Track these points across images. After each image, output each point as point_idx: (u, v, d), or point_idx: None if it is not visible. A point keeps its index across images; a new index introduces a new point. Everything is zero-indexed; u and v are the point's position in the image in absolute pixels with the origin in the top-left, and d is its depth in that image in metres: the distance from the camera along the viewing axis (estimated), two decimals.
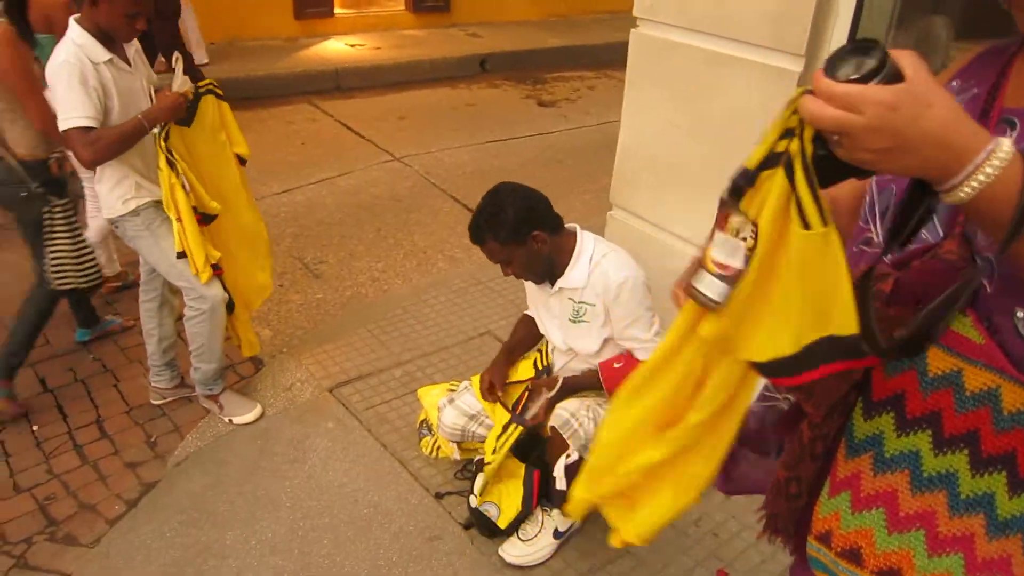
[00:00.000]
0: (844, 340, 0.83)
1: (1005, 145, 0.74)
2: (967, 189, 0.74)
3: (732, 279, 0.83)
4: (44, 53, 2.64)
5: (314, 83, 7.16)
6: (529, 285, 2.45)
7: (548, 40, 9.00)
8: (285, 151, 5.69)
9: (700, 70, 2.43)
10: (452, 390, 2.59)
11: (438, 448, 2.68)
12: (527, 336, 2.58)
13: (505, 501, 2.38)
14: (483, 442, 2.46)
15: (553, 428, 2.24)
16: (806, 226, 0.78)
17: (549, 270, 2.29)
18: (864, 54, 0.73)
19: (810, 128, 0.76)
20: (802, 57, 2.19)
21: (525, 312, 2.62)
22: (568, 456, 2.19)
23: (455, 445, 2.57)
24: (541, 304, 2.44)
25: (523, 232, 2.17)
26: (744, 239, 0.83)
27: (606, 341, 2.31)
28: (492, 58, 8.33)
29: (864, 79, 0.71)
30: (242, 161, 2.82)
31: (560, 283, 2.28)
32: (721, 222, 0.85)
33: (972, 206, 0.76)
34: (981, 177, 0.74)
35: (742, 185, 0.83)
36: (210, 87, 2.64)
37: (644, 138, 2.67)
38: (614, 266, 2.22)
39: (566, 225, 2.31)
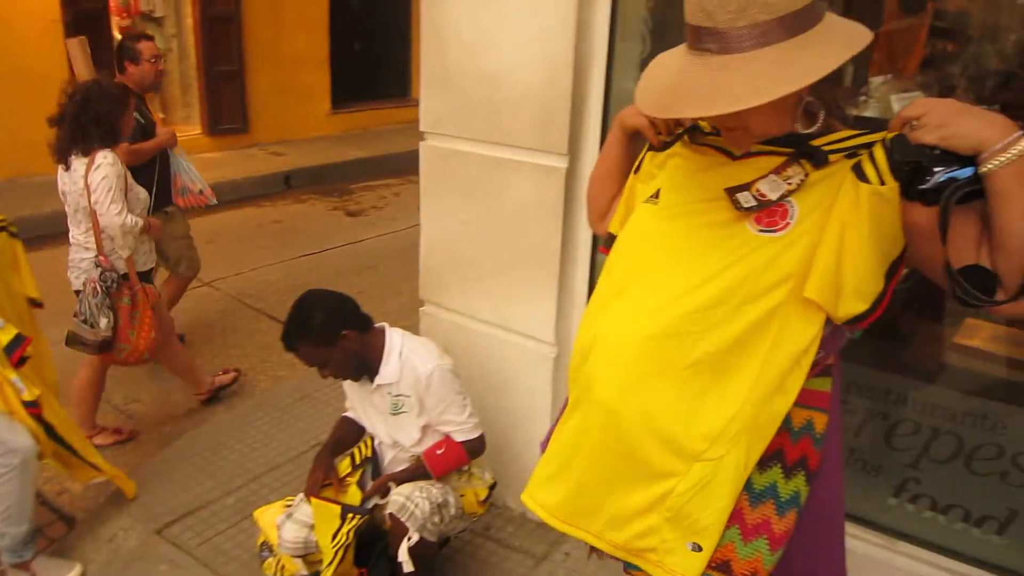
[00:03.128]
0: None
1: None
2: (1001, 158, 1.02)
3: (765, 203, 1.18)
4: None
5: None
6: (350, 386, 2.54)
7: (350, 152, 9.28)
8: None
9: (483, 173, 2.71)
10: (288, 505, 2.58)
11: (282, 567, 2.61)
12: (345, 435, 2.65)
13: None
14: None
15: (391, 515, 2.30)
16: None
17: (364, 367, 2.41)
18: None
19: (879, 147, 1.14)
20: (566, 155, 2.52)
21: (343, 415, 2.69)
22: (409, 539, 2.26)
23: (300, 560, 2.53)
24: (365, 402, 2.54)
25: (332, 334, 2.28)
26: (789, 183, 1.17)
27: (425, 429, 2.44)
28: (296, 174, 8.44)
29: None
30: (37, 304, 2.71)
31: (377, 380, 2.41)
32: (780, 169, 1.18)
33: (1001, 182, 1.03)
34: (1015, 151, 1.02)
35: (820, 159, 1.16)
36: (3, 224, 2.55)
37: (442, 237, 2.90)
38: (420, 359, 2.39)
39: (376, 324, 2.45)
